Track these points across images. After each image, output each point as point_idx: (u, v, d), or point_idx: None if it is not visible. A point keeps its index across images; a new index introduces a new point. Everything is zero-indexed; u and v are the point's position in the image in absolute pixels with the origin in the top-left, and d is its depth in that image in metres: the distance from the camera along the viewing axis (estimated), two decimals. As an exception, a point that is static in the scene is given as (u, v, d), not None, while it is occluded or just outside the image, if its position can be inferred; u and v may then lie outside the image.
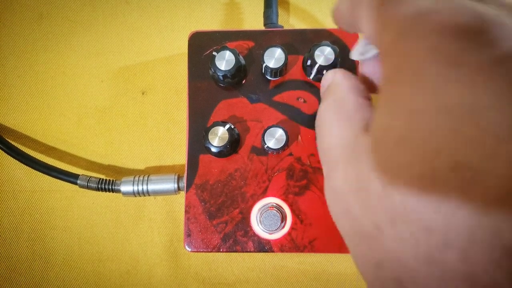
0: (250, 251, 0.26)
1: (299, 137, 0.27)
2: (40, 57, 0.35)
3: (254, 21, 0.36)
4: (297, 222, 0.26)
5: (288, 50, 0.27)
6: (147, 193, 0.29)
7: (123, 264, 0.33)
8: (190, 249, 0.26)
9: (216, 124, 0.25)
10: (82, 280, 0.33)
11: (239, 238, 0.26)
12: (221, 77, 0.26)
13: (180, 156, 0.34)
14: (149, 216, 0.33)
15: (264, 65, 0.26)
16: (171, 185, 0.29)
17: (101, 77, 0.35)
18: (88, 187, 0.30)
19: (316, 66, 0.25)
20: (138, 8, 0.36)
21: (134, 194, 0.29)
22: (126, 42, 0.35)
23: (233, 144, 0.26)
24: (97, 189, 0.30)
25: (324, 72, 0.24)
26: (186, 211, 0.26)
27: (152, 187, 0.29)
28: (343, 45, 0.27)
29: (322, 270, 0.32)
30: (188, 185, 0.26)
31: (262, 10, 0.33)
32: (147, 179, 0.29)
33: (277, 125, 0.25)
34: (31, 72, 0.35)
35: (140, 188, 0.29)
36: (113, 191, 0.30)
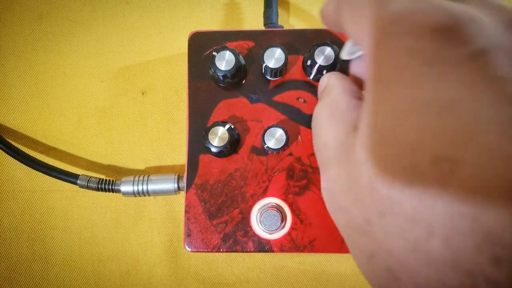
0: (250, 251, 0.26)
1: (299, 137, 0.27)
2: (40, 57, 0.35)
3: (254, 21, 0.36)
4: (297, 222, 0.26)
5: (288, 50, 0.27)
6: (147, 193, 0.29)
7: (123, 264, 0.33)
8: (190, 249, 0.26)
9: (216, 124, 0.25)
10: (82, 280, 0.33)
11: (239, 238, 0.26)
12: (221, 77, 0.26)
13: (180, 156, 0.34)
14: (149, 216, 0.33)
15: (264, 65, 0.26)
16: (171, 185, 0.29)
17: (101, 77, 0.35)
18: (88, 187, 0.30)
19: (316, 66, 0.25)
20: (138, 8, 0.36)
21: (134, 194, 0.29)
22: (126, 42, 0.35)
23: (233, 144, 0.26)
24: (97, 189, 0.30)
25: (324, 72, 0.25)
26: (186, 211, 0.26)
27: (152, 187, 0.29)
28: (343, 45, 0.27)
29: (322, 270, 0.32)
30: (188, 185, 0.26)
31: (262, 10, 0.33)
32: (147, 179, 0.29)
33: (277, 125, 0.25)
34: (31, 72, 0.35)
35: (140, 188, 0.29)
36: (113, 191, 0.30)
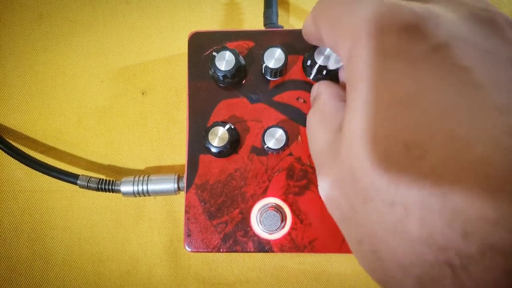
0: (250, 251, 0.26)
1: (299, 137, 0.27)
2: (40, 57, 0.35)
3: (254, 21, 0.36)
4: (297, 222, 0.26)
5: (288, 50, 0.27)
6: (147, 193, 0.29)
7: (123, 264, 0.33)
8: (190, 249, 0.26)
9: (216, 124, 0.25)
10: (82, 280, 0.33)
11: (239, 238, 0.26)
12: (221, 77, 0.26)
13: (180, 156, 0.34)
14: (149, 216, 0.33)
15: (264, 65, 0.26)
16: (171, 185, 0.29)
17: (101, 77, 0.35)
18: (88, 187, 0.30)
19: (316, 66, 0.25)
20: (138, 8, 0.36)
21: (134, 194, 0.29)
22: (126, 42, 0.35)
23: (233, 144, 0.26)
24: (97, 189, 0.30)
25: (324, 72, 0.25)
26: (186, 211, 0.26)
27: (152, 187, 0.29)
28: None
29: (322, 270, 0.32)
30: (188, 185, 0.26)
31: (262, 10, 0.33)
32: (147, 179, 0.29)
33: (277, 125, 0.25)
34: (31, 72, 0.35)
35: (140, 188, 0.29)
36: (113, 191, 0.30)
